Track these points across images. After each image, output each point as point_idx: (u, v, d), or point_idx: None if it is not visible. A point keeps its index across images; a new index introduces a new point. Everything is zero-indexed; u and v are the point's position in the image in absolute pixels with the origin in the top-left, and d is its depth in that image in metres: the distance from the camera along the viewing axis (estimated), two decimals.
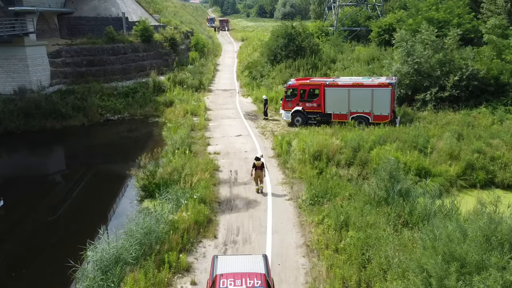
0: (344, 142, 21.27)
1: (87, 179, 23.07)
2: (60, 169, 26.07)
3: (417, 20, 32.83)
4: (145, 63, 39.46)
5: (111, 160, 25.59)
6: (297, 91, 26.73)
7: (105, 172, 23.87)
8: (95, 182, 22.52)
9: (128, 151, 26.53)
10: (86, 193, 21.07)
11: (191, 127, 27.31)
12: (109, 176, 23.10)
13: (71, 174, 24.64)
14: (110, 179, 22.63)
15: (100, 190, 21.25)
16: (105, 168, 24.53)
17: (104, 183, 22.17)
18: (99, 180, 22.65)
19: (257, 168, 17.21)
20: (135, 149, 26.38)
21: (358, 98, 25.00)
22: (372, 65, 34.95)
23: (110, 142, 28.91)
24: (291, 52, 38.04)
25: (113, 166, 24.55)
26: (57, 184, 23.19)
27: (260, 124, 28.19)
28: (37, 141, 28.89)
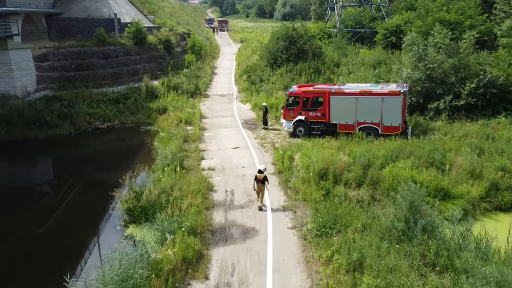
0: (353, 158, 19.17)
1: (70, 196, 20.89)
2: (40, 183, 23.82)
3: (428, 21, 30.72)
4: (138, 66, 37.35)
5: (97, 175, 23.41)
6: (300, 99, 24.64)
7: (89, 188, 21.69)
8: (77, 200, 20.34)
9: (116, 164, 24.37)
10: (67, 214, 18.89)
11: (185, 138, 25.20)
12: (94, 193, 20.90)
13: (53, 189, 22.48)
14: (94, 197, 20.44)
15: (83, 211, 19.07)
16: (89, 183, 22.35)
17: (87, 202, 19.99)
18: (82, 198, 20.48)
19: (259, 181, 16.00)
20: (123, 161, 24.31)
21: (366, 107, 22.92)
22: (378, 70, 32.83)
23: (97, 153, 26.76)
24: (292, 56, 35.94)
25: (99, 181, 22.36)
26: (36, 201, 20.99)
27: (260, 135, 26.07)
28: (19, 152, 26.77)
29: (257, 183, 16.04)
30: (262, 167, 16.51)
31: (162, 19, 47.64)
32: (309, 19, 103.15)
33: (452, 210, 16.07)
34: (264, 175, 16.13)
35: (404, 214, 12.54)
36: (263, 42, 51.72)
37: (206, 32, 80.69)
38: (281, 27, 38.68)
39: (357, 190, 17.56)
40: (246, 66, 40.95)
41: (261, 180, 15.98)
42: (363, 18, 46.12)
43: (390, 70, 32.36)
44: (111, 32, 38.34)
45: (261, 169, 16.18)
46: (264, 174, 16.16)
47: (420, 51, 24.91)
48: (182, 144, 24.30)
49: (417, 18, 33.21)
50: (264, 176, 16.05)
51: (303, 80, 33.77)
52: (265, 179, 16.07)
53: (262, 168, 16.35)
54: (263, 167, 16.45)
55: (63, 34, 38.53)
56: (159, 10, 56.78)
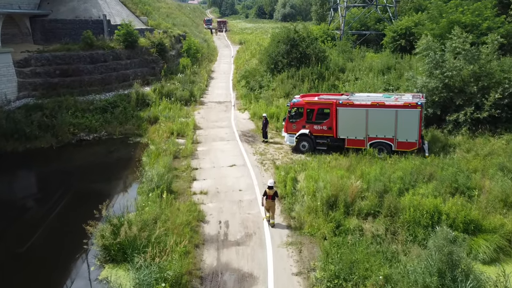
0: (366, 182, 16.66)
1: (44, 224, 18.31)
2: (8, 206, 20.90)
3: (441, 24, 28.20)
4: (128, 72, 34.81)
5: (76, 196, 20.70)
6: (303, 110, 22.13)
7: (65, 213, 19.00)
8: (50, 229, 17.76)
9: (98, 183, 21.78)
10: (37, 248, 16.32)
11: (176, 154, 22.70)
12: (69, 221, 18.24)
13: (23, 213, 19.83)
14: (69, 226, 17.78)
15: (55, 244, 16.51)
16: (66, 207, 19.66)
17: (61, 233, 17.38)
18: (56, 228, 17.87)
19: (268, 197, 14.98)
20: (107, 180, 21.82)
21: (378, 120, 20.43)
22: (387, 76, 30.35)
23: (79, 169, 24.11)
24: (294, 60, 33.44)
25: (76, 205, 19.65)
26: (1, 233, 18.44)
27: (259, 149, 23.55)
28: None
29: (267, 199, 15.01)
30: (271, 182, 15.21)
31: (156, 21, 45.13)
32: (310, 20, 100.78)
33: (485, 248, 13.79)
34: (275, 190, 15.15)
35: (438, 268, 10.04)
36: (263, 44, 49.23)
37: (204, 34, 78.20)
38: (281, 30, 36.15)
39: (372, 221, 15.06)
40: (244, 71, 38.40)
41: (272, 196, 14.94)
42: (368, 19, 43.61)
43: (400, 76, 29.95)
44: (100, 34, 35.80)
45: (271, 185, 15.05)
46: (275, 190, 15.21)
47: (437, 57, 22.39)
48: (173, 161, 21.86)
49: (429, 20, 30.68)
50: (274, 191, 15.07)
51: (305, 87, 31.26)
52: (275, 195, 15.09)
53: (271, 183, 15.13)
54: (272, 182, 15.21)
55: (48, 37, 35.98)
56: (154, 11, 54.25)
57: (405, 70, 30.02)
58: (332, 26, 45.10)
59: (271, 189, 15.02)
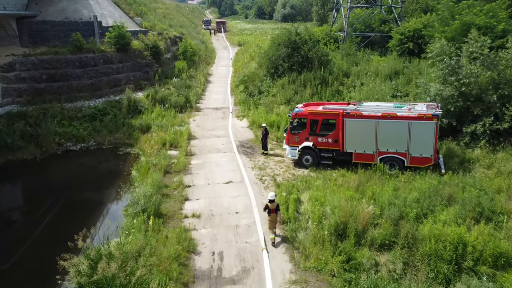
0: (379, 207, 14.77)
1: (16, 253, 16.39)
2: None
3: (454, 26, 26.31)
4: (120, 76, 32.90)
5: (54, 220, 18.50)
6: (307, 121, 20.24)
7: (40, 240, 16.97)
8: (22, 259, 15.86)
9: (80, 202, 19.84)
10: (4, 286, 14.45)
11: (167, 168, 20.80)
12: (44, 249, 16.26)
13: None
14: (44, 257, 15.86)
15: (26, 278, 14.64)
16: (43, 231, 17.67)
17: (33, 265, 15.48)
18: (28, 257, 15.97)
19: (271, 211, 14.17)
20: (90, 199, 19.93)
21: (390, 133, 18.57)
22: (395, 81, 28.47)
23: (61, 184, 22.15)
24: (296, 64, 31.54)
25: (54, 229, 17.53)
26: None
27: (258, 163, 21.65)
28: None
29: (269, 214, 14.16)
30: (272, 195, 14.28)
31: (151, 22, 43.21)
32: (310, 21, 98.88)
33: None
34: (276, 203, 14.37)
35: None
36: (262, 46, 47.34)
37: (203, 35, 76.28)
38: (282, 32, 34.24)
39: (387, 253, 13.19)
40: (243, 75, 36.49)
41: (274, 210, 14.15)
42: (372, 20, 41.70)
43: (409, 81, 28.09)
44: (91, 37, 33.91)
45: (272, 198, 14.16)
46: (276, 203, 14.40)
47: (452, 63, 20.50)
48: (164, 177, 20.00)
49: (440, 22, 28.78)
50: (276, 204, 14.30)
51: (307, 93, 29.37)
52: (277, 208, 14.31)
53: (272, 196, 14.23)
54: (273, 195, 14.29)
55: (36, 40, 34.09)
56: (150, 12, 52.34)
57: (414, 75, 28.17)
58: (335, 27, 43.21)
59: (273, 202, 14.13)
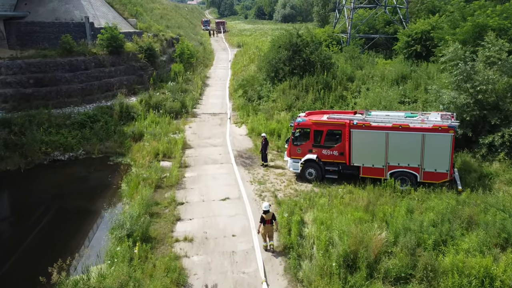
0: (392, 232, 13.19)
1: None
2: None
3: (465, 28, 24.72)
4: (113, 80, 31.30)
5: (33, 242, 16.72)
6: (310, 132, 18.64)
7: (15, 268, 15.35)
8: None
9: (62, 222, 18.17)
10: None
11: (158, 183, 19.22)
12: (18, 278, 14.69)
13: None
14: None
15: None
16: (17, 260, 15.89)
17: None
18: None
19: (267, 222, 13.50)
20: (73, 218, 18.27)
21: (401, 146, 17.01)
22: (402, 86, 26.89)
23: (44, 199, 20.48)
24: (297, 68, 29.95)
25: (31, 254, 15.92)
26: None
27: (257, 176, 20.06)
28: None
29: (265, 224, 13.44)
30: (266, 205, 13.61)
31: (146, 23, 41.58)
32: (311, 21, 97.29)
33: None
34: (271, 213, 13.64)
35: None
36: (262, 48, 45.75)
37: (201, 36, 74.68)
38: (282, 34, 32.63)
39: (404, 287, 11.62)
40: (242, 79, 34.87)
41: (269, 221, 13.50)
42: (376, 21, 40.10)
43: (417, 87, 26.53)
44: (82, 39, 32.32)
45: (266, 209, 13.50)
46: (271, 213, 13.66)
47: (468, 69, 18.92)
48: (155, 192, 18.45)
49: (450, 23, 27.19)
50: (271, 214, 13.59)
51: (310, 99, 27.79)
52: (273, 218, 13.62)
53: (266, 207, 13.56)
54: (267, 205, 13.60)
55: (25, 42, 32.49)
56: (146, 13, 50.73)
57: (423, 80, 26.60)
58: (337, 29, 41.61)
59: (267, 213, 13.46)
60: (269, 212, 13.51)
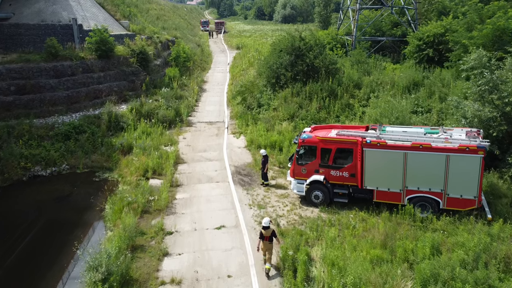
0: (419, 280, 11.04)
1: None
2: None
3: (485, 31, 22.58)
4: (102, 87, 29.12)
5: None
6: (317, 150, 16.48)
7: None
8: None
9: (31, 256, 16.03)
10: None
11: (145, 206, 17.06)
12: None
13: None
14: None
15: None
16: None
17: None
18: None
19: (265, 238, 12.74)
20: (46, 251, 16.03)
21: (421, 168, 14.88)
22: (415, 94, 24.78)
23: (16, 224, 18.15)
24: (300, 74, 27.80)
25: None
26: None
27: (257, 198, 17.91)
28: None
29: (263, 241, 12.68)
30: (266, 221, 12.81)
31: (140, 25, 39.41)
32: (311, 22, 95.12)
33: None
34: (272, 230, 12.80)
35: None
36: (262, 51, 43.62)
37: (199, 37, 72.58)
38: (284, 37, 30.46)
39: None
40: (240, 85, 32.70)
41: (268, 237, 12.67)
42: (383, 23, 37.95)
43: (430, 94, 24.41)
44: (70, 42, 30.18)
45: (266, 225, 12.68)
46: (271, 229, 12.82)
47: (494, 78, 16.78)
48: (141, 218, 16.34)
49: (466, 26, 25.04)
50: (271, 231, 12.75)
51: (314, 108, 25.65)
52: (273, 235, 12.74)
53: (266, 222, 12.74)
54: (267, 221, 12.79)
55: (8, 45, 30.33)
56: (141, 13, 48.60)
57: (437, 87, 24.48)
58: (341, 30, 39.46)
59: (267, 229, 12.62)
60: (269, 229, 12.68)
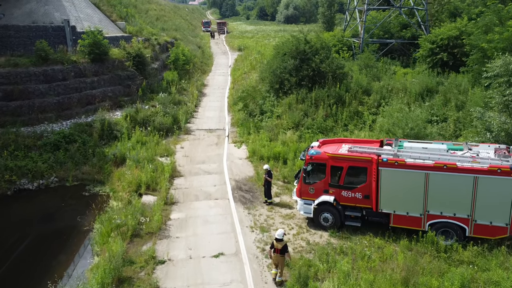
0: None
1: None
2: None
3: (506, 34, 20.86)
4: (95, 92, 27.52)
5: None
6: (326, 167, 14.80)
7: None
8: None
9: None
10: None
11: (136, 229, 15.43)
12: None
13: None
14: None
15: None
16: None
17: None
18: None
19: (276, 251, 12.07)
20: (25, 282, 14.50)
21: (445, 190, 13.19)
22: (429, 101, 23.10)
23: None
24: (305, 79, 26.14)
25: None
26: None
27: (260, 219, 16.26)
28: None
29: (274, 252, 12.21)
30: (280, 233, 12.22)
31: (137, 26, 37.79)
32: (314, 22, 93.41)
33: None
34: (284, 243, 12.19)
35: None
36: (264, 54, 41.96)
37: (201, 38, 70.90)
38: (288, 39, 28.78)
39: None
40: (242, 90, 31.02)
41: (280, 250, 12.07)
42: (391, 25, 36.22)
43: (446, 102, 22.74)
44: (62, 45, 28.57)
45: (280, 237, 12.15)
46: (284, 242, 12.21)
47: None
48: (130, 243, 14.69)
49: (484, 29, 23.31)
50: (284, 244, 12.13)
51: (320, 115, 24.01)
52: (285, 249, 12.10)
53: (280, 235, 12.19)
54: (281, 234, 12.23)
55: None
56: (139, 14, 47.00)
57: (453, 94, 22.81)
58: (348, 32, 37.75)
59: (280, 241, 12.03)
60: (282, 241, 12.03)
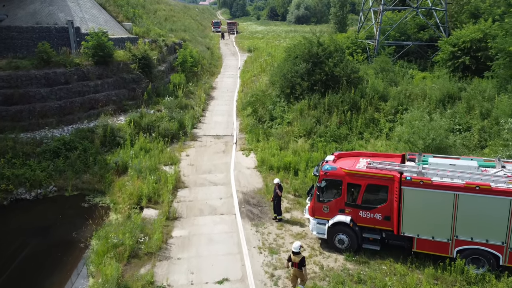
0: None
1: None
2: None
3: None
4: (98, 96, 26.48)
5: None
6: (343, 185, 13.45)
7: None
8: None
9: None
10: None
11: (134, 250, 14.25)
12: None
13: None
14: None
15: None
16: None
17: None
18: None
19: (294, 264, 11.47)
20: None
21: (477, 214, 11.77)
22: (451, 109, 21.59)
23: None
24: (318, 83, 24.77)
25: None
26: None
27: (268, 238, 14.98)
28: None
29: (292, 266, 11.61)
30: (296, 245, 11.53)
31: (144, 27, 36.75)
32: (325, 22, 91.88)
33: None
34: (302, 256, 11.47)
35: None
36: (275, 56, 40.63)
37: (210, 39, 69.82)
38: (300, 42, 27.42)
39: None
40: (251, 95, 29.72)
41: (297, 264, 11.37)
42: (408, 26, 34.61)
43: (469, 110, 21.21)
44: (65, 46, 27.62)
45: (297, 250, 11.43)
46: (302, 256, 11.49)
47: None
48: (127, 265, 13.53)
49: (511, 31, 21.73)
50: (301, 258, 11.41)
51: (334, 123, 22.64)
52: (302, 263, 11.37)
53: (297, 248, 11.47)
54: (298, 246, 11.51)
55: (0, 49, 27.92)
56: (147, 15, 46.01)
57: (477, 101, 21.28)
58: (362, 34, 36.24)
59: (297, 254, 11.44)
60: (299, 255, 11.44)
